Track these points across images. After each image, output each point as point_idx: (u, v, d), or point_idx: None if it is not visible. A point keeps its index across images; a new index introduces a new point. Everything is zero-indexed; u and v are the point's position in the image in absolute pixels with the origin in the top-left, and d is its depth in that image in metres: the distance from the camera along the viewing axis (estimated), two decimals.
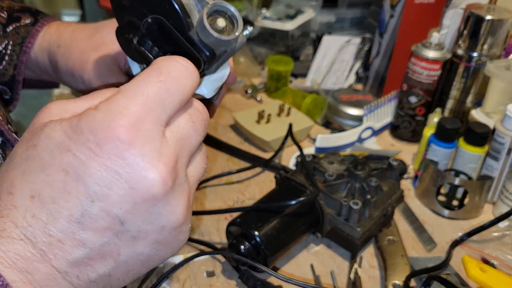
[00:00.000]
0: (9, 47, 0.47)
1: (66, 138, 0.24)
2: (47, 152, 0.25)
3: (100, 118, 0.24)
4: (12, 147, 0.40)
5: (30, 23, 0.48)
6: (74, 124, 0.24)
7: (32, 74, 0.51)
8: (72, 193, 0.24)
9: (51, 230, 0.24)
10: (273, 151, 0.83)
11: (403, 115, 0.89)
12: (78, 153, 0.24)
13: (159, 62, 0.27)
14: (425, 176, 0.74)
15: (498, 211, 0.72)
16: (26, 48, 0.48)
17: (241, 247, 0.57)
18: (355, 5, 1.18)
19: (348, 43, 1.09)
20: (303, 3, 1.16)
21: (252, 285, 0.57)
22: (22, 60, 0.48)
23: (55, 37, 0.48)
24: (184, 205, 0.27)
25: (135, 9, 0.33)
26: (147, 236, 0.26)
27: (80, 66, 0.45)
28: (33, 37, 0.48)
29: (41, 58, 0.49)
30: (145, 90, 0.25)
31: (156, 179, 0.25)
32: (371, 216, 0.62)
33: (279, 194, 0.64)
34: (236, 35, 0.32)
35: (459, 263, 0.63)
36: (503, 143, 0.69)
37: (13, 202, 0.24)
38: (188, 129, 0.27)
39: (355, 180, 0.64)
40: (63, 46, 0.47)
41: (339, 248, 0.65)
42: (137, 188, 0.25)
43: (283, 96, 0.99)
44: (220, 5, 0.31)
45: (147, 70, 0.26)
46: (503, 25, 0.78)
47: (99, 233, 0.25)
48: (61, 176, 0.24)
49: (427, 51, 0.82)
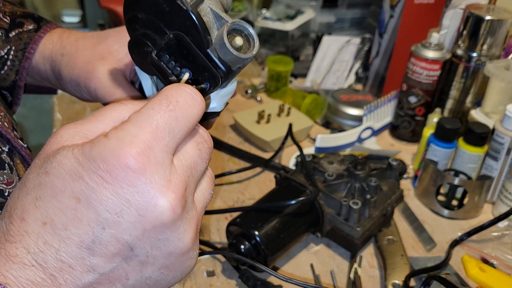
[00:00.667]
0: (11, 53, 0.47)
1: (78, 165, 0.25)
2: (59, 179, 0.25)
3: (111, 146, 0.25)
4: (19, 154, 0.40)
5: (33, 29, 0.48)
6: (86, 151, 0.25)
7: (33, 80, 0.51)
8: (84, 220, 0.25)
9: (62, 256, 0.25)
10: (273, 151, 0.83)
11: (402, 115, 0.89)
12: (89, 181, 0.25)
13: (167, 91, 0.27)
14: (424, 176, 0.74)
15: (497, 211, 0.72)
16: (28, 54, 0.48)
17: (241, 247, 0.57)
18: (355, 5, 1.18)
19: (348, 43, 1.10)
20: (303, 4, 1.16)
21: (252, 285, 0.57)
22: (24, 66, 0.48)
23: (58, 45, 0.48)
24: (192, 231, 0.27)
25: (151, 23, 0.33)
26: (155, 261, 0.27)
27: (85, 76, 0.45)
28: (35, 43, 0.48)
29: (42, 66, 0.49)
30: (154, 119, 0.26)
31: (166, 207, 0.25)
32: (371, 216, 0.62)
33: (279, 194, 0.64)
34: (253, 54, 0.33)
35: (459, 262, 0.64)
36: (503, 143, 0.69)
37: (25, 228, 0.25)
38: (195, 157, 0.28)
39: (355, 180, 0.65)
40: (67, 55, 0.47)
41: (339, 247, 0.65)
42: (147, 215, 0.25)
43: (283, 96, 0.99)
44: (239, 24, 0.32)
45: (156, 99, 0.27)
46: (503, 25, 0.78)
47: (109, 259, 0.25)
48: (73, 203, 0.25)
49: (427, 51, 0.82)
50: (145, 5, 0.33)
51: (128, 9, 0.35)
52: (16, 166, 0.39)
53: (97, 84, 0.45)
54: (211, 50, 0.32)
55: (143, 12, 0.33)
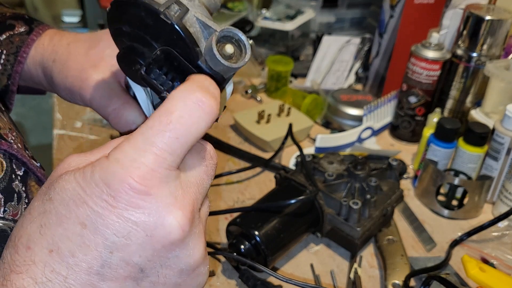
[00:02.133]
0: (2, 56, 0.46)
1: (81, 190, 0.24)
2: (63, 206, 0.25)
3: (112, 170, 0.24)
4: (35, 176, 0.39)
5: (24, 31, 0.47)
6: (87, 176, 0.25)
7: (26, 84, 0.50)
8: (91, 245, 0.24)
9: (71, 283, 0.24)
10: (273, 151, 0.83)
11: (402, 115, 0.89)
12: (94, 206, 0.24)
13: (171, 101, 0.25)
14: (424, 176, 0.74)
15: (497, 211, 0.72)
16: (21, 58, 0.46)
17: (241, 247, 0.57)
18: (355, 5, 1.18)
19: (348, 43, 1.10)
20: (303, 4, 1.16)
21: (252, 285, 0.57)
22: (17, 70, 0.46)
23: (49, 50, 0.47)
24: (202, 246, 0.27)
25: (137, 36, 0.32)
26: (166, 280, 0.26)
27: (79, 86, 0.44)
28: (28, 46, 0.46)
29: (34, 70, 0.48)
30: (154, 140, 0.25)
31: (174, 225, 0.25)
32: (371, 216, 0.62)
33: (279, 194, 0.64)
34: (245, 61, 0.31)
35: (459, 262, 0.64)
36: (503, 143, 0.69)
37: (31, 257, 0.25)
38: (202, 174, 0.28)
39: (355, 180, 0.65)
40: (59, 62, 0.46)
41: (339, 247, 0.65)
42: (155, 235, 0.25)
43: (283, 96, 0.99)
44: (228, 31, 0.31)
45: (158, 113, 0.25)
46: (503, 25, 0.78)
47: (119, 282, 0.25)
48: (79, 229, 0.24)
49: (427, 51, 0.82)
50: (129, 18, 0.32)
51: (112, 22, 0.33)
52: (30, 189, 0.39)
53: (92, 94, 0.43)
54: (202, 61, 0.31)
55: (127, 25, 0.32)
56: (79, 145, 0.83)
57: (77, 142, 0.84)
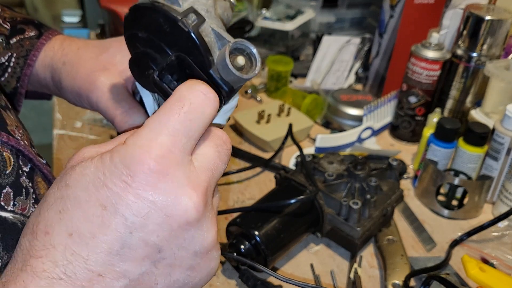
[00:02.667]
0: (12, 59, 0.47)
1: (101, 174, 0.26)
2: (82, 189, 0.26)
3: (130, 152, 0.25)
4: (41, 172, 0.40)
5: (34, 35, 0.48)
6: (106, 160, 0.26)
7: (31, 87, 0.51)
8: (111, 226, 0.25)
9: (91, 265, 0.25)
10: (273, 151, 0.83)
11: (402, 115, 0.89)
12: (114, 187, 0.25)
13: (180, 92, 0.28)
14: (424, 176, 0.74)
15: (497, 211, 0.72)
16: (30, 61, 0.47)
17: (241, 247, 0.57)
18: (355, 5, 1.18)
19: (348, 43, 1.10)
20: (303, 4, 1.16)
21: (252, 285, 0.57)
22: (26, 73, 0.47)
23: (59, 53, 0.48)
24: (214, 230, 0.28)
25: (152, 42, 0.33)
26: (181, 262, 0.27)
27: (87, 88, 0.45)
28: (37, 50, 0.47)
29: (42, 74, 0.49)
30: (170, 122, 0.26)
31: (189, 205, 0.26)
32: (371, 216, 0.62)
33: (279, 194, 0.64)
34: (255, 73, 0.33)
35: (459, 262, 0.64)
36: (503, 143, 0.69)
37: (50, 241, 0.25)
38: (215, 159, 0.29)
39: (355, 180, 0.65)
40: (69, 64, 0.47)
41: (339, 247, 0.65)
42: (172, 214, 0.26)
43: (283, 96, 0.99)
44: (241, 44, 0.32)
45: (170, 102, 0.27)
46: (503, 25, 0.78)
47: (138, 263, 0.26)
48: (99, 211, 0.25)
49: (427, 51, 0.82)
50: (146, 24, 0.33)
51: (129, 27, 0.34)
52: (37, 185, 0.39)
53: (99, 97, 0.44)
54: (213, 70, 0.32)
55: (144, 31, 0.33)
56: (79, 145, 0.83)
57: (77, 142, 0.84)
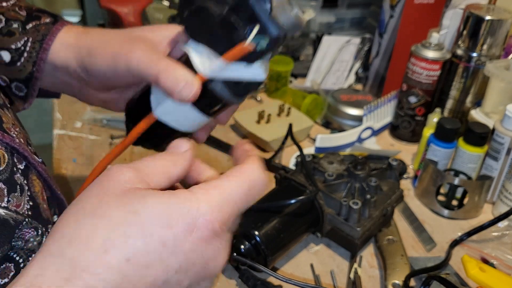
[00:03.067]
0: (28, 44, 0.46)
1: (169, 216, 0.29)
2: (150, 224, 0.28)
3: (201, 211, 0.29)
4: (36, 171, 0.40)
5: (50, 22, 0.48)
6: (174, 207, 0.29)
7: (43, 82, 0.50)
8: (164, 263, 0.28)
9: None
10: (273, 151, 0.83)
11: (402, 115, 0.89)
12: (178, 233, 0.28)
13: (250, 176, 0.34)
14: (424, 176, 0.74)
15: (497, 211, 0.72)
16: (46, 46, 0.46)
17: (241, 247, 0.57)
18: (355, 5, 1.18)
19: (348, 44, 1.10)
20: (303, 4, 1.16)
21: (252, 285, 0.57)
22: (42, 58, 0.47)
23: (84, 35, 0.47)
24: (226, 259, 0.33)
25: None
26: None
27: (127, 48, 0.43)
28: (53, 35, 0.47)
29: (63, 54, 0.47)
30: (237, 200, 0.32)
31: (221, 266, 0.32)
32: (371, 216, 0.62)
33: (279, 194, 0.64)
34: (304, 22, 0.41)
35: (459, 262, 0.64)
36: (503, 143, 0.69)
37: (108, 261, 0.27)
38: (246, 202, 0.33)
39: (355, 180, 0.65)
40: (97, 40, 0.46)
41: (339, 247, 0.65)
42: (209, 267, 0.30)
43: (283, 96, 0.99)
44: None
45: (242, 180, 0.33)
46: (503, 25, 0.78)
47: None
48: (160, 247, 0.28)
49: (427, 51, 0.82)
50: None
51: None
52: (32, 183, 0.39)
53: (140, 55, 0.42)
54: (273, 15, 0.38)
55: None
56: (79, 145, 0.83)
57: (77, 142, 0.84)
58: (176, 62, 0.42)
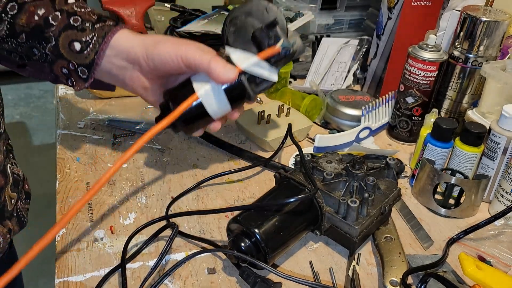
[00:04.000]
0: (94, 38, 0.60)
1: None
2: None
3: None
4: None
5: (112, 24, 0.62)
6: None
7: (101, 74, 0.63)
8: None
9: None
10: (272, 150, 0.84)
11: (400, 115, 0.90)
12: None
13: None
14: (422, 175, 0.75)
15: (494, 209, 0.73)
16: (106, 40, 0.60)
17: (242, 245, 0.58)
18: (353, 7, 1.19)
19: (346, 45, 1.11)
20: (302, 6, 1.17)
21: (252, 282, 0.57)
22: (103, 48, 0.60)
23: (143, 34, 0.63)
24: None
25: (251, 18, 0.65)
26: None
27: (183, 45, 0.59)
28: (113, 32, 0.60)
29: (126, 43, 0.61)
30: None
31: None
32: (369, 214, 0.63)
33: (279, 193, 0.65)
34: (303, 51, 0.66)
35: (456, 260, 0.64)
36: (499, 143, 0.70)
37: None
38: None
39: (353, 179, 0.66)
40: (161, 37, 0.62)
41: (337, 245, 0.66)
42: None
43: (283, 96, 1.00)
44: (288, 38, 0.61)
45: None
46: (499, 26, 0.79)
47: None
48: None
49: (424, 53, 0.83)
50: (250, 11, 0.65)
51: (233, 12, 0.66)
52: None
53: (193, 50, 0.58)
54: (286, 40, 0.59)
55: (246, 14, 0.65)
56: (82, 144, 0.84)
57: (80, 142, 0.85)
58: (217, 54, 0.59)
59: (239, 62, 0.58)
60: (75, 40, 0.59)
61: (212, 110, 0.61)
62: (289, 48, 0.59)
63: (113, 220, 0.68)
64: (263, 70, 0.59)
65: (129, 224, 0.68)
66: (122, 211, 0.70)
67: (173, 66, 0.60)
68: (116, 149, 0.84)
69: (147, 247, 0.63)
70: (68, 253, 0.62)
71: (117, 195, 0.73)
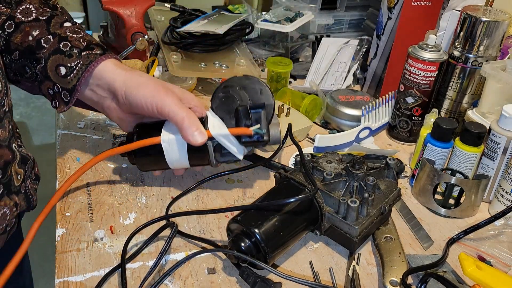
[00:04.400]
0: (78, 65, 0.63)
1: None
2: None
3: None
4: None
5: (99, 53, 0.65)
6: None
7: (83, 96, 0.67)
8: None
9: None
10: (272, 150, 0.84)
11: (400, 115, 0.90)
12: None
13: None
14: (421, 175, 0.75)
15: (494, 209, 0.73)
16: (89, 68, 0.63)
17: (242, 245, 0.58)
18: (353, 7, 1.19)
19: (346, 45, 1.11)
20: (302, 6, 1.17)
21: (252, 282, 0.57)
22: (85, 76, 0.63)
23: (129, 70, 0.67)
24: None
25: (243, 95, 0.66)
26: None
27: (163, 93, 0.63)
28: (97, 62, 0.64)
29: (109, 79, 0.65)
30: None
31: None
32: (369, 214, 0.63)
33: (279, 193, 0.65)
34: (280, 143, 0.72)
35: (456, 260, 0.64)
36: (499, 143, 0.70)
37: None
38: None
39: (353, 179, 0.66)
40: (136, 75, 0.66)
41: (337, 245, 0.66)
42: None
43: (283, 96, 1.00)
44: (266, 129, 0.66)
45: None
46: (499, 26, 0.79)
47: None
48: None
49: (424, 53, 0.83)
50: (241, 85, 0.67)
51: (226, 84, 0.67)
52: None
53: (170, 102, 0.62)
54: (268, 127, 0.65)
55: (237, 87, 0.66)
56: (82, 144, 0.84)
57: (80, 142, 0.85)
58: (191, 111, 0.62)
59: (212, 128, 0.62)
60: (61, 64, 0.63)
61: (170, 158, 0.66)
62: (262, 135, 0.62)
63: (113, 220, 0.68)
64: (230, 145, 0.63)
65: (129, 224, 0.68)
66: (122, 211, 0.70)
67: (147, 111, 0.63)
68: None
69: (147, 247, 0.64)
70: (68, 253, 0.62)
71: (117, 195, 0.73)
